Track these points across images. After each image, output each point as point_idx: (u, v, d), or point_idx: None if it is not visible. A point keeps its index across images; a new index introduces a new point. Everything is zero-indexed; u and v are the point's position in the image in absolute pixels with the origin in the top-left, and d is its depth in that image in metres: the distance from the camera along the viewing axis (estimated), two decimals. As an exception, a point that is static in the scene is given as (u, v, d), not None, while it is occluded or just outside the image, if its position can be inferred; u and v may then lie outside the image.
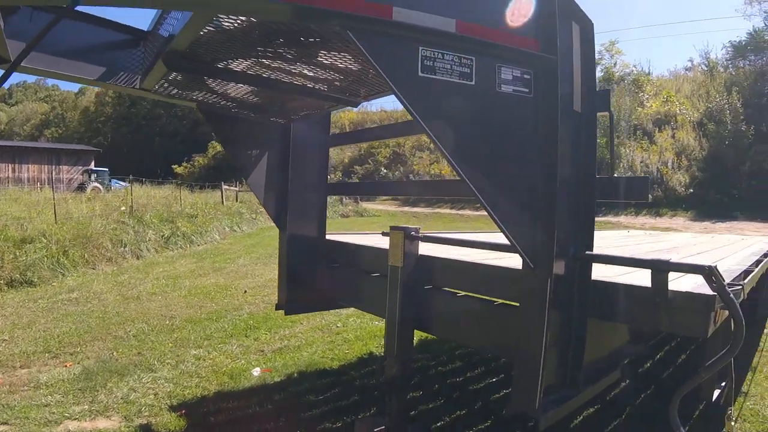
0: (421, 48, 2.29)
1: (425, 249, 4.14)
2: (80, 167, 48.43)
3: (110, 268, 14.96)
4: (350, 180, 50.72)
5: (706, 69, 46.47)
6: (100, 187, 40.33)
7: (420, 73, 2.28)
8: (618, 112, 40.49)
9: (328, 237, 5.29)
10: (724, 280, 2.62)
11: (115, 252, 15.93)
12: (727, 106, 35.43)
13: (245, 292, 11.63)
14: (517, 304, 3.11)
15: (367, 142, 32.80)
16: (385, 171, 49.30)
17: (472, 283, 3.82)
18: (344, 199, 41.38)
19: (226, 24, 2.69)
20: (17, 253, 13.02)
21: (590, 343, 3.09)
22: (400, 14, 2.18)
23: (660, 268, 2.74)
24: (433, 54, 2.31)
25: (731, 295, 2.58)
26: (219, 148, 54.99)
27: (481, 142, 2.52)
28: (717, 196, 32.26)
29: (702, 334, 2.80)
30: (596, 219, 3.12)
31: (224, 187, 34.01)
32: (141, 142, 70.84)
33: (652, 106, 42.20)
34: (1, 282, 11.98)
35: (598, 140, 3.11)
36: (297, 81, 3.64)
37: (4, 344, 8.04)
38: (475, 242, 3.68)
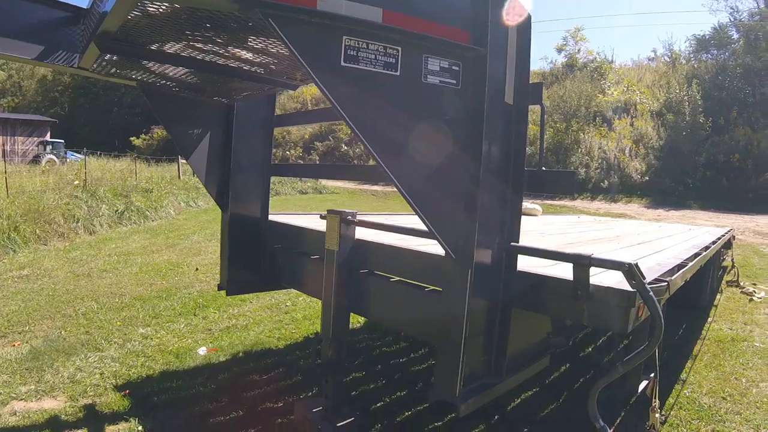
0: (345, 37, 2.29)
1: (368, 234, 4.19)
2: (36, 138, 47.38)
3: (62, 244, 14.76)
4: (310, 157, 50.38)
5: (668, 60, 46.83)
6: (56, 159, 39.58)
7: (342, 63, 2.28)
8: (579, 98, 40.79)
9: (270, 218, 5.29)
10: (644, 278, 2.67)
11: (67, 227, 15.71)
12: (686, 97, 35.88)
13: (197, 269, 11.58)
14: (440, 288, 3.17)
15: (310, 124, 32.50)
16: (345, 147, 48.88)
17: (403, 268, 3.87)
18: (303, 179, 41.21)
19: (152, 9, 2.68)
20: (-30, 232, 12.80)
21: (517, 331, 3.14)
22: (324, 3, 2.17)
23: (581, 263, 2.79)
24: (358, 43, 2.31)
25: (650, 293, 2.63)
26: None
27: (404, 132, 2.53)
28: (672, 185, 32.72)
29: (622, 330, 2.87)
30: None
31: (181, 161, 33.41)
32: (99, 113, 69.37)
33: (613, 93, 42.50)
34: (-51, 258, 11.80)
35: (547, 132, 3.15)
36: (232, 64, 3.62)
37: (-50, 324, 7.94)
38: (407, 229, 3.71)
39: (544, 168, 3.23)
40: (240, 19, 2.71)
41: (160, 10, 2.70)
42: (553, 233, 6.36)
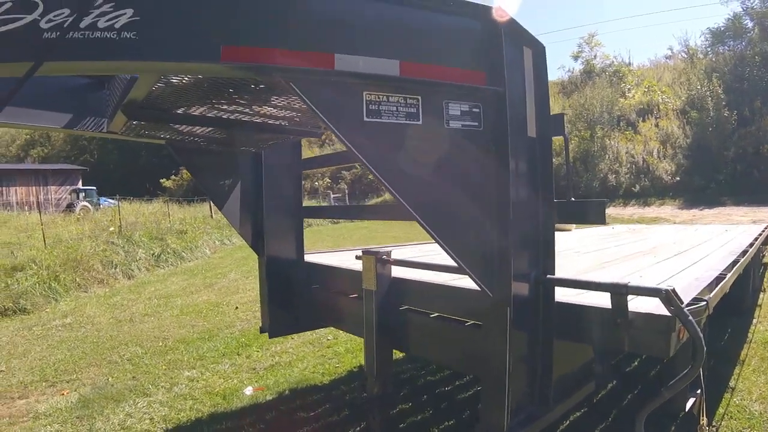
0: (365, 93, 2.36)
1: (405, 269, 4.23)
2: (68, 187, 48.12)
3: (102, 290, 14.98)
4: (338, 186, 50.69)
5: (686, 56, 46.49)
6: (89, 206, 40.09)
7: (365, 118, 2.35)
8: (600, 104, 40.50)
9: (306, 258, 5.37)
10: (682, 302, 2.68)
11: (106, 273, 15.95)
12: (708, 92, 35.49)
13: (236, 308, 11.67)
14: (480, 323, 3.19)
15: (337, 165, 32.52)
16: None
17: (441, 304, 3.91)
18: (334, 203, 41.34)
19: (175, 80, 2.79)
20: (8, 282, 13.08)
21: (561, 359, 3.16)
22: (342, 62, 2.23)
23: (619, 292, 2.81)
24: (378, 97, 2.37)
25: (690, 317, 2.63)
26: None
27: (431, 180, 2.58)
28: (703, 183, 32.34)
29: (664, 354, 2.86)
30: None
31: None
32: (127, 158, 70.50)
33: (634, 96, 42.28)
34: (-5, 311, 12.04)
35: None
36: (257, 119, 3.72)
37: (1, 375, 8.09)
38: (443, 266, 3.74)
39: (573, 198, 3.26)
40: (260, 82, 2.80)
41: (183, 80, 2.80)
42: (588, 250, 6.33)
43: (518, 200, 2.80)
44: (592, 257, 5.67)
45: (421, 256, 5.49)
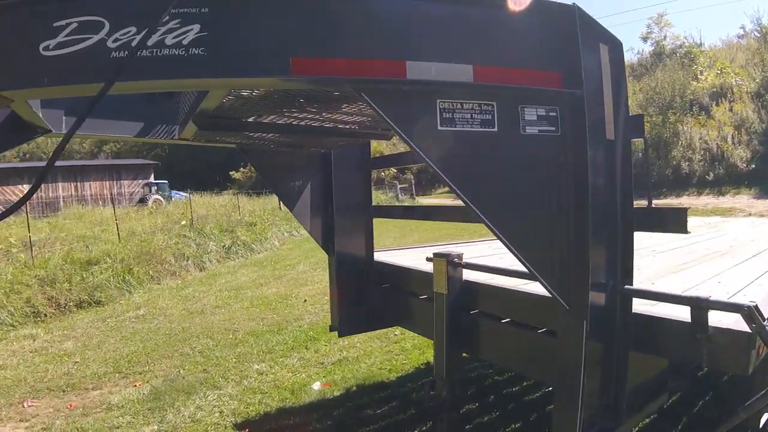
0: (438, 101, 2.29)
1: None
2: (140, 181, 48.97)
3: (174, 282, 15.31)
4: (405, 176, 50.63)
5: (759, 36, 44.71)
6: (161, 199, 40.88)
7: (439, 127, 2.29)
8: (672, 87, 39.27)
9: (376, 258, 5.34)
10: (764, 319, 2.56)
11: (178, 266, 16.28)
12: (784, 74, 34.02)
13: (305, 301, 11.76)
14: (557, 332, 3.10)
15: (406, 165, 32.34)
16: (437, 165, 49.03)
17: (514, 310, 3.83)
18: (399, 195, 41.30)
19: (245, 93, 2.78)
20: (84, 275, 13.44)
21: (634, 370, 3.06)
22: (414, 69, 2.18)
23: (699, 306, 2.70)
24: (452, 105, 2.30)
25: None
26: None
27: (507, 188, 2.50)
28: (780, 171, 31.03)
29: (743, 371, 2.74)
30: (657, 202, 3.02)
31: None
32: (197, 151, 71.34)
33: (707, 78, 40.65)
34: (71, 304, 12.38)
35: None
36: (327, 124, 3.70)
37: (76, 366, 8.32)
38: (517, 272, 3.64)
39: (653, 204, 3.14)
40: (331, 92, 2.77)
41: (254, 93, 2.79)
42: (662, 249, 6.13)
43: (596, 207, 2.69)
44: (666, 258, 5.48)
45: (490, 254, 5.44)
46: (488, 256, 5.34)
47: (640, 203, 3.20)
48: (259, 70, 2.06)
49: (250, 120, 3.42)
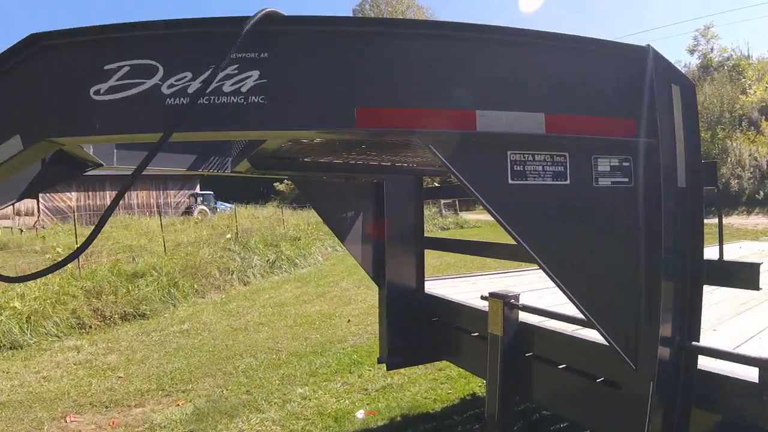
0: (509, 152, 2.18)
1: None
2: (186, 191, 49.60)
3: (218, 296, 15.35)
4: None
5: (807, 47, 43.79)
6: (207, 209, 41.29)
7: (510, 181, 2.18)
8: (720, 102, 38.54)
9: (427, 290, 5.24)
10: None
11: (222, 280, 16.35)
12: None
13: (349, 321, 11.66)
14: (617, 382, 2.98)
15: (460, 198, 32.04)
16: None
17: (571, 356, 3.69)
18: (443, 211, 41.06)
19: (305, 140, 2.70)
20: (130, 288, 13.54)
21: (693, 425, 2.92)
22: (484, 120, 2.07)
23: (768, 368, 2.55)
24: (523, 156, 2.19)
25: None
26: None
27: (577, 244, 2.38)
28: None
29: None
30: (707, 221, 2.88)
31: None
32: (242, 162, 72.36)
33: (755, 92, 39.80)
34: (116, 316, 12.48)
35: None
36: (386, 162, 3.63)
37: (119, 382, 8.35)
38: (579, 320, 3.51)
39: (724, 258, 2.98)
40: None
41: (314, 140, 2.72)
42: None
43: (666, 260, 2.56)
44: (725, 294, 5.27)
45: (542, 287, 5.30)
46: (540, 289, 5.22)
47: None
48: (321, 121, 1.97)
49: (307, 160, 3.36)
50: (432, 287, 5.42)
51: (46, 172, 2.82)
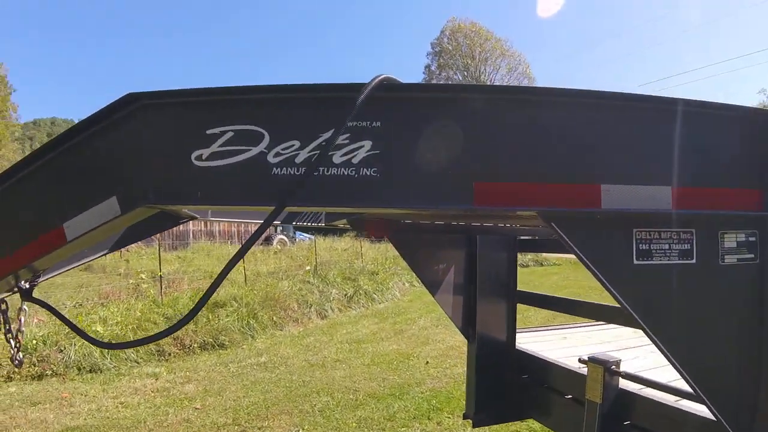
0: (635, 230, 2.05)
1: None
2: (266, 220, 50.25)
3: (296, 329, 15.39)
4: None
5: None
6: (286, 239, 41.71)
7: (635, 261, 2.04)
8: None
9: (518, 346, 5.08)
10: None
11: (300, 313, 16.41)
12: None
13: (427, 363, 11.51)
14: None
15: (558, 254, 31.32)
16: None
17: (672, 428, 3.49)
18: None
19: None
20: (210, 317, 13.70)
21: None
22: (609, 195, 1.94)
23: None
24: (649, 235, 2.06)
25: None
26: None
27: (697, 324, 2.23)
28: None
29: None
30: None
31: None
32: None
33: None
34: (195, 345, 12.62)
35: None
36: (488, 223, 3.53)
37: (196, 413, 8.41)
38: (687, 393, 3.32)
39: None
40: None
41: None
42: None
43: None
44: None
45: (638, 344, 5.12)
46: (636, 347, 5.04)
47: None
48: (437, 198, 1.85)
49: (408, 221, 3.29)
50: (521, 340, 5.25)
51: (140, 226, 2.81)
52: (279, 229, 45.86)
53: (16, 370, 10.19)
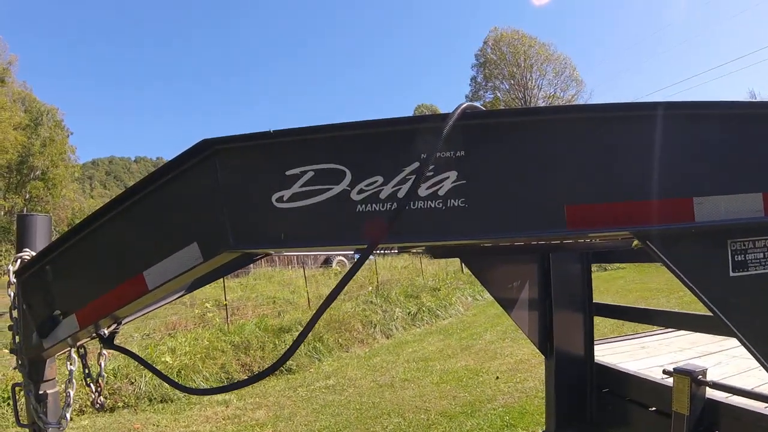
0: (729, 241, 1.98)
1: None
2: (324, 242, 50.41)
3: (362, 350, 15.39)
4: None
5: None
6: (345, 260, 41.77)
7: (732, 273, 1.97)
8: None
9: (597, 360, 4.97)
10: None
11: (365, 333, 16.42)
12: None
13: (497, 378, 11.36)
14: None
15: (633, 264, 30.59)
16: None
17: None
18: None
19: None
20: (276, 342, 13.82)
21: None
22: (702, 208, 1.88)
23: None
24: (744, 245, 1.99)
25: None
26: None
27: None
28: None
29: None
30: None
31: None
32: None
33: None
34: (264, 371, 12.70)
35: None
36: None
37: (267, 440, 8.44)
38: None
39: None
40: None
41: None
42: None
43: None
44: None
45: (717, 349, 5.03)
46: (716, 353, 4.96)
47: None
48: (528, 224, 1.80)
49: (487, 245, 3.25)
50: (599, 352, 5.14)
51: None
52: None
53: (88, 403, 10.37)
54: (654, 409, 4.24)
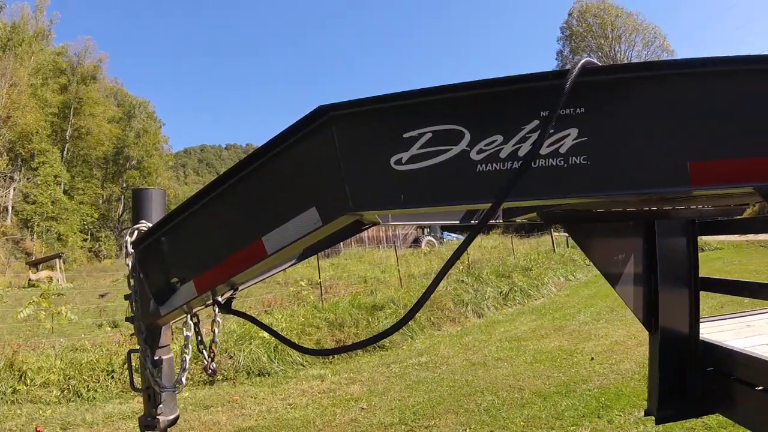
0: None
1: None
2: (414, 222, 50.47)
3: (454, 328, 15.37)
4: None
5: None
6: (434, 240, 41.78)
7: None
8: None
9: (702, 337, 4.80)
10: None
11: (457, 312, 16.37)
12: None
13: (592, 359, 11.11)
14: None
15: (721, 236, 29.40)
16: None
17: None
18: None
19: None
20: (370, 319, 13.95)
21: None
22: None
23: None
24: None
25: None
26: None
27: None
28: None
29: None
30: None
31: (554, 233, 32.63)
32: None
33: None
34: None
35: None
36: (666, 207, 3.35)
37: (362, 413, 8.52)
38: None
39: None
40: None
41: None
42: None
43: None
44: None
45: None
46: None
47: None
48: (651, 181, 1.71)
49: (600, 210, 3.17)
50: (702, 329, 4.97)
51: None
52: (426, 230, 46.09)
53: (189, 375, 10.69)
54: (761, 388, 4.08)
